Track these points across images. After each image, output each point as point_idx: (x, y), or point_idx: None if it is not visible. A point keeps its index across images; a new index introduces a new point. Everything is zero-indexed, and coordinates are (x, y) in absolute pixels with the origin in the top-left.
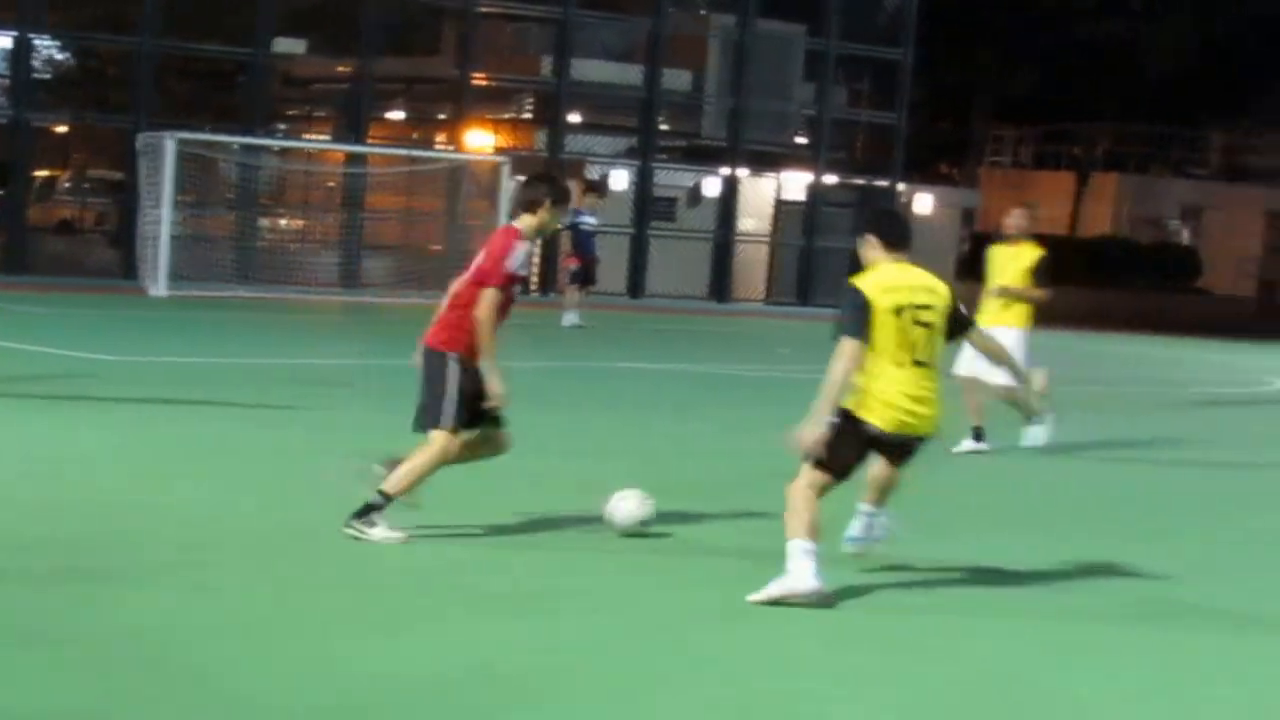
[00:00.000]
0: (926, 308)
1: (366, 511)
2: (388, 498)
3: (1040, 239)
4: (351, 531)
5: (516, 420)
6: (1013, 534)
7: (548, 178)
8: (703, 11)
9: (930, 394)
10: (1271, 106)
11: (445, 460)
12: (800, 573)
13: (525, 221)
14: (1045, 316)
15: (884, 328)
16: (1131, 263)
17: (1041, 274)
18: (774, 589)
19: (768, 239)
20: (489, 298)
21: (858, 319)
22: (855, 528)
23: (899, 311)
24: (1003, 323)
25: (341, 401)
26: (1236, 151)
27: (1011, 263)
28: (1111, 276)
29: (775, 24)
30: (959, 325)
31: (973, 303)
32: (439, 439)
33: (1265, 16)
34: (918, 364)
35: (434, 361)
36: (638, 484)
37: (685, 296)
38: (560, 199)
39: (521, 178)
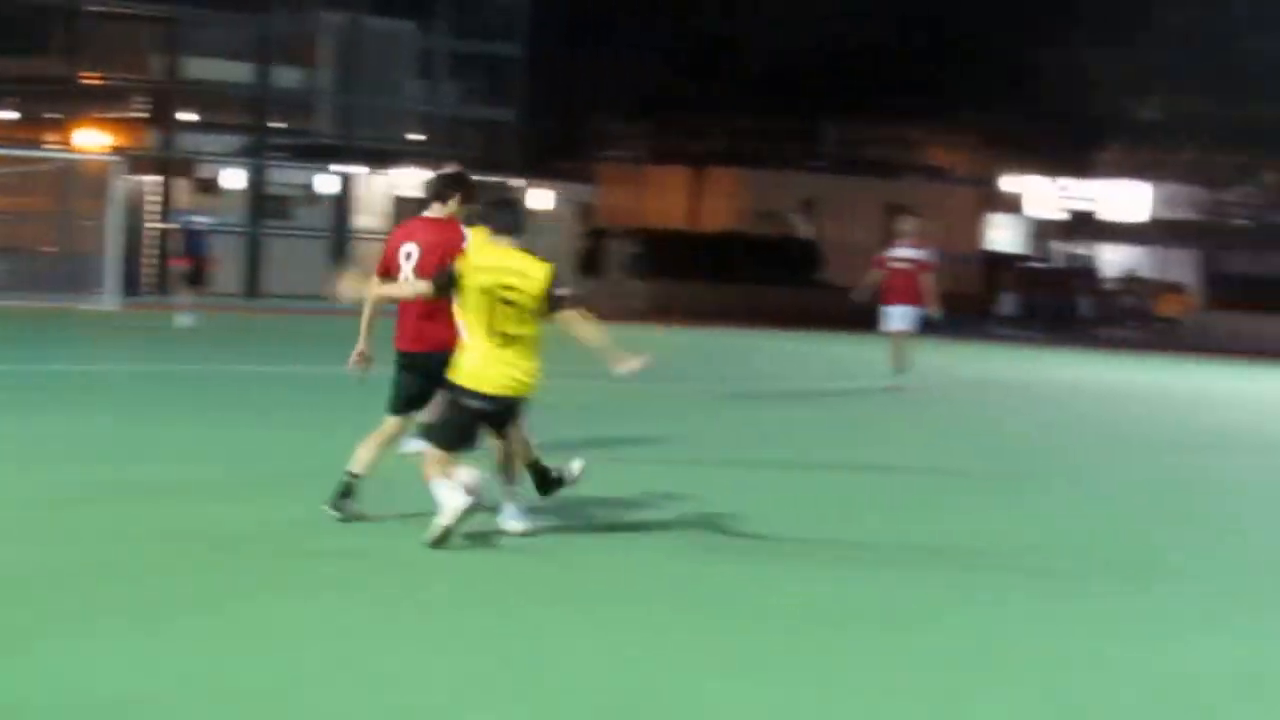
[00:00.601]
0: (512, 288)
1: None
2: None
3: (659, 234)
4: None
5: (113, 428)
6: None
7: (459, 175)
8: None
9: (515, 364)
10: (886, 100)
11: None
12: (448, 498)
13: (455, 212)
14: (667, 313)
15: (474, 304)
16: (750, 256)
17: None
18: (437, 523)
19: (383, 236)
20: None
21: (443, 280)
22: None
23: (485, 291)
24: None
25: None
26: (851, 144)
27: None
28: (733, 271)
29: (385, 21)
30: (552, 305)
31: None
32: None
33: (875, 13)
34: (505, 337)
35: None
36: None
37: (304, 296)
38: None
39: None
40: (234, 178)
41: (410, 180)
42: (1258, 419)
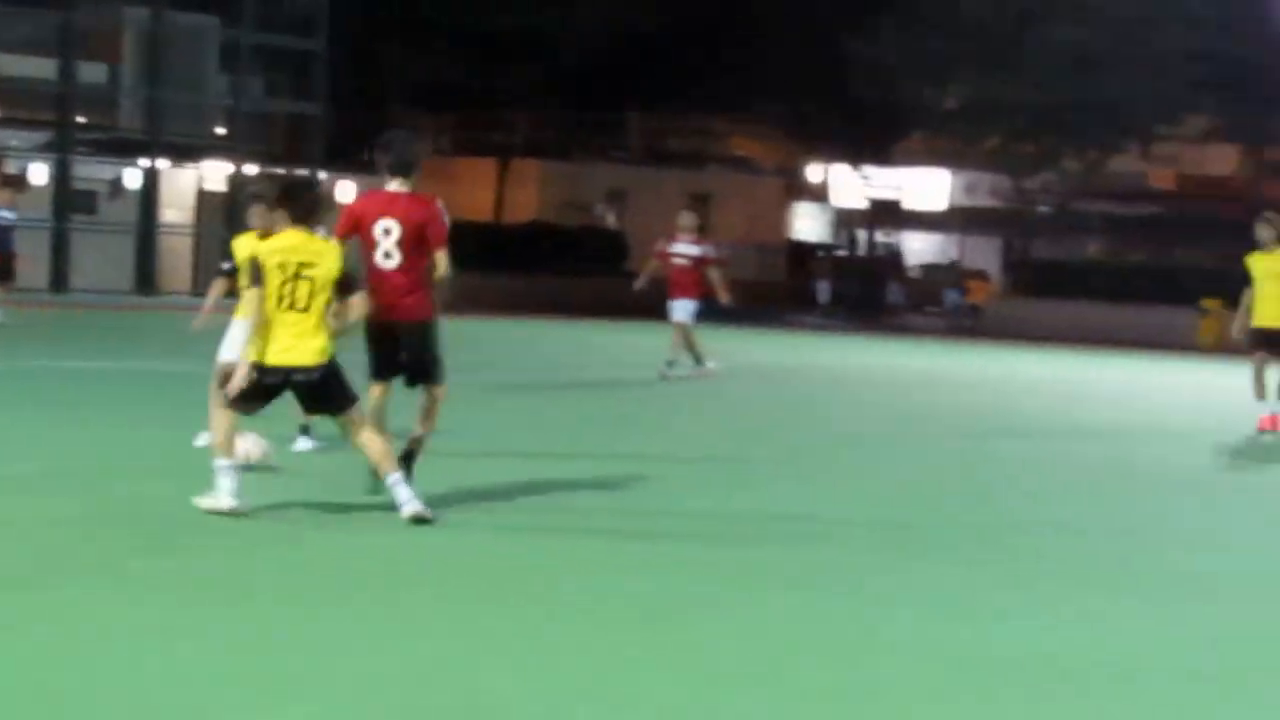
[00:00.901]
0: (309, 265)
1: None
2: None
3: (465, 226)
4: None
5: None
6: None
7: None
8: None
9: (304, 334)
10: (691, 91)
11: None
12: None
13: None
14: (469, 303)
15: (270, 281)
16: (557, 248)
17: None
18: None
19: (191, 230)
20: (448, 256)
21: (253, 272)
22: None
23: (282, 268)
24: None
25: None
26: (656, 136)
27: None
28: (536, 262)
29: (189, 15)
30: (344, 286)
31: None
32: (444, 390)
33: (680, 2)
34: (299, 310)
35: (430, 329)
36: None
37: (110, 291)
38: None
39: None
40: (39, 173)
41: (216, 174)
42: (1048, 402)
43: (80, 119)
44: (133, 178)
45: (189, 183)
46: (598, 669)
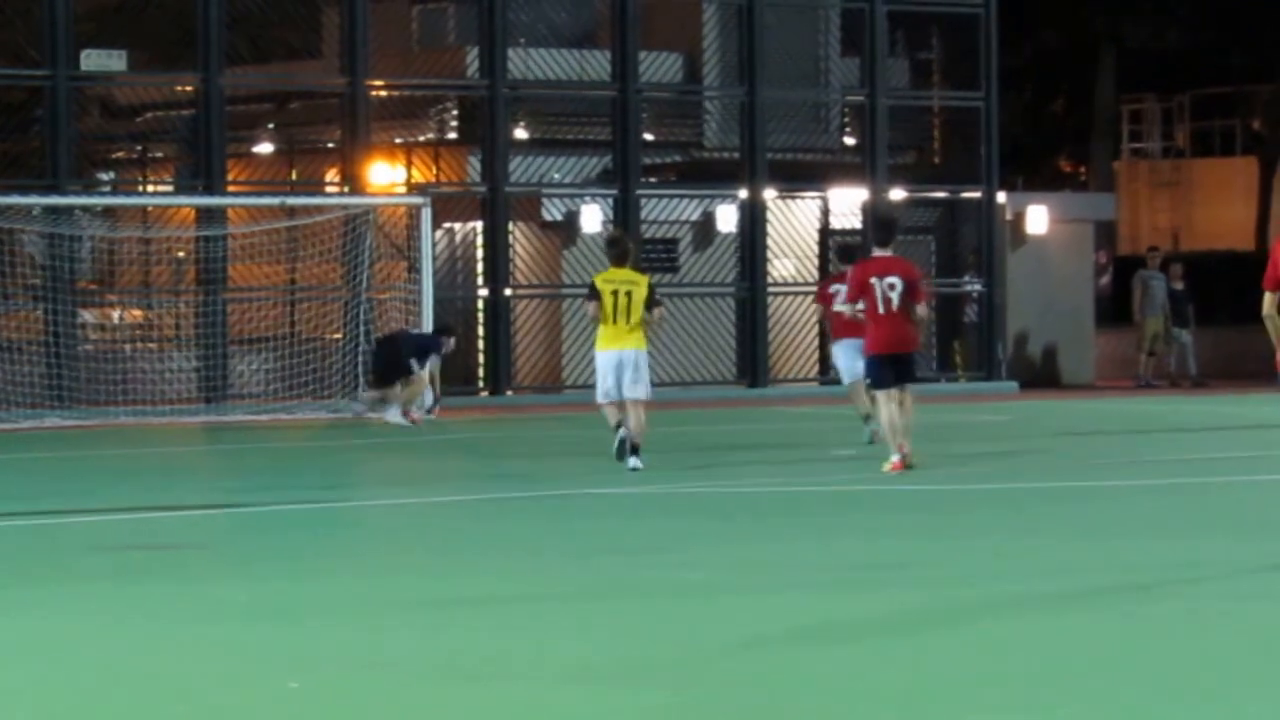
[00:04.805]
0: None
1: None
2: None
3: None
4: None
5: None
6: None
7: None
8: None
9: None
10: None
11: None
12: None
13: None
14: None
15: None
16: None
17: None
18: None
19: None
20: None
21: None
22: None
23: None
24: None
25: (190, 571)
26: None
27: None
28: None
29: None
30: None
31: None
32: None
33: None
34: None
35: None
36: None
37: (704, 382)
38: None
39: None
40: (591, 216)
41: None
42: None
43: (647, 136)
44: (726, 217)
45: (808, 220)
46: None
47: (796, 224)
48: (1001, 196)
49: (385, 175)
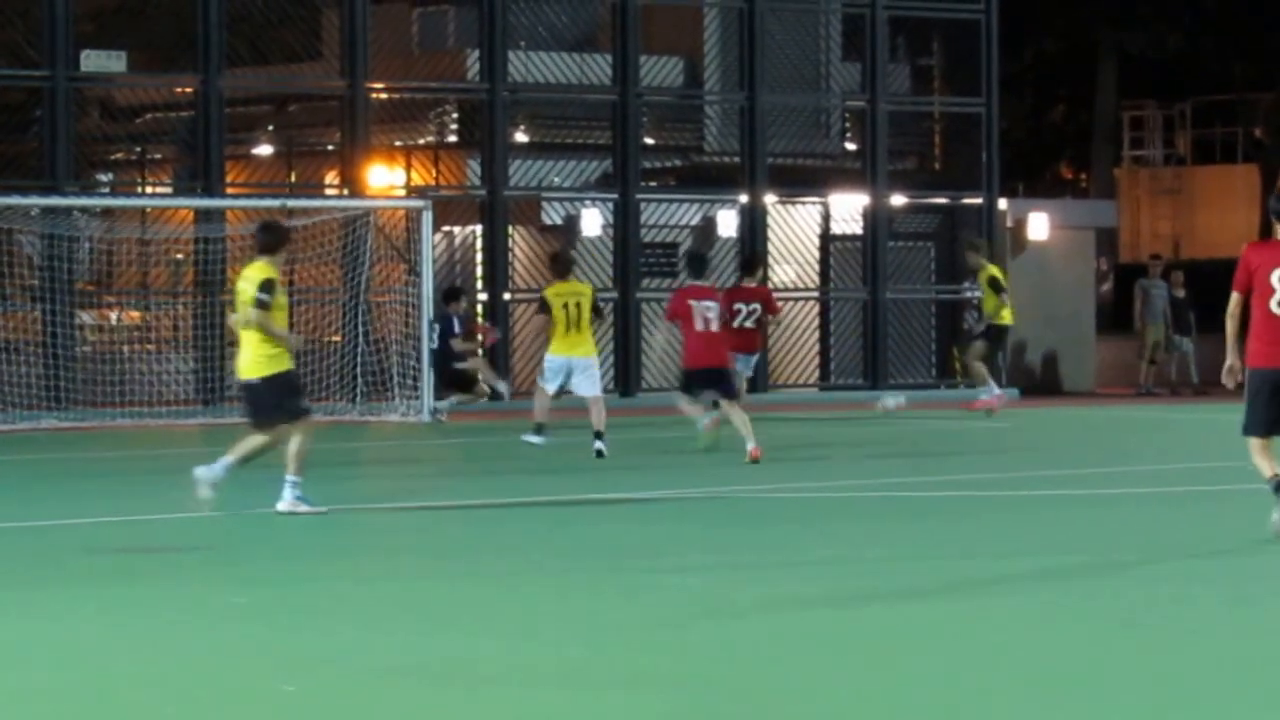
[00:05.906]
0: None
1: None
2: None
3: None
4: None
5: None
6: None
7: None
8: None
9: None
10: None
11: None
12: None
13: None
14: None
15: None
16: None
17: None
18: None
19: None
20: None
21: None
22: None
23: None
24: None
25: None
26: None
27: None
28: None
29: None
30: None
31: None
32: None
33: None
34: None
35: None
36: None
37: None
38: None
39: None
40: (591, 220)
41: (847, 210)
42: None
43: (647, 140)
44: (726, 221)
45: (808, 226)
46: None
47: (797, 229)
48: (1002, 203)
49: (385, 178)
